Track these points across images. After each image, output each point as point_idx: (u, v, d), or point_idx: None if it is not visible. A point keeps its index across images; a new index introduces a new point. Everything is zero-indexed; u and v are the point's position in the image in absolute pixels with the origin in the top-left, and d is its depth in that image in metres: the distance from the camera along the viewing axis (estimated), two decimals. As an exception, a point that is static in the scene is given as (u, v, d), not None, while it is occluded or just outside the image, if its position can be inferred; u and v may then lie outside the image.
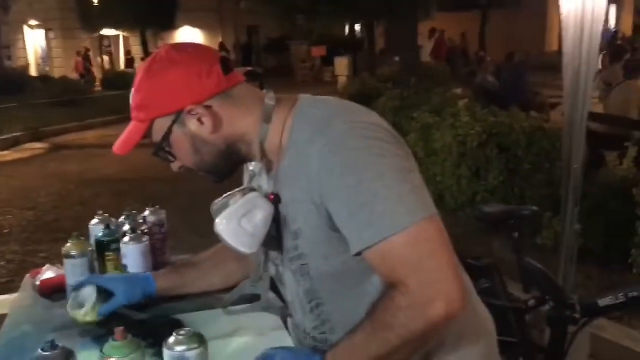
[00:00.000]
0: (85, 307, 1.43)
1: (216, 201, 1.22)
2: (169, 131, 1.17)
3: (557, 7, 2.98)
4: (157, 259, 1.79)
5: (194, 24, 26.87)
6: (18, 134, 11.51)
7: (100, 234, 1.74)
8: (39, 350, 1.09)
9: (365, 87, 9.16)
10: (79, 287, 1.50)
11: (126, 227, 1.78)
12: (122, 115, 7.47)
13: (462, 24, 17.07)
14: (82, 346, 1.35)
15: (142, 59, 19.81)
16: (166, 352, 1.11)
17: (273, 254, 1.29)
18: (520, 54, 9.70)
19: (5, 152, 10.55)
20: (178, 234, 1.06)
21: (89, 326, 1.45)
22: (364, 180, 1.04)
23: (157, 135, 1.19)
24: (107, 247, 1.72)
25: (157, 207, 1.93)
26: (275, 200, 1.18)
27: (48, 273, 1.79)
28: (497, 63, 10.93)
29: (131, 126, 1.21)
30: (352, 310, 1.16)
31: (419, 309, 1.02)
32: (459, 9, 15.28)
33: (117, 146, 1.21)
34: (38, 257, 4.89)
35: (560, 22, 2.98)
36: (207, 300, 1.58)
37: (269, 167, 1.22)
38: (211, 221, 1.19)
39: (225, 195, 1.23)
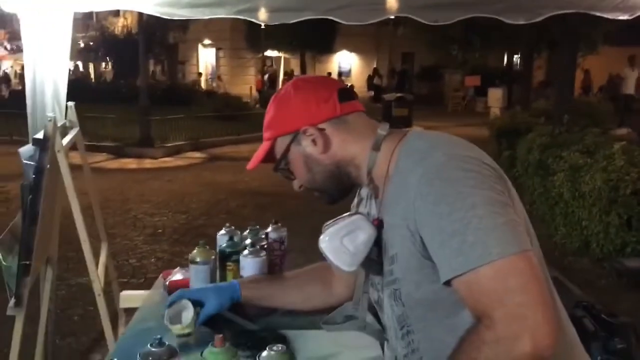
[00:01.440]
0: (184, 320, 1.52)
1: (328, 222, 1.29)
2: (287, 149, 1.29)
3: None
4: (274, 274, 1.88)
5: (350, 48, 27.71)
6: (181, 142, 12.64)
7: (224, 245, 1.88)
8: (148, 346, 1.21)
9: (515, 121, 8.76)
10: (173, 302, 1.58)
11: (248, 241, 1.90)
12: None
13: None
14: (185, 347, 1.46)
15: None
16: None
17: (375, 279, 1.32)
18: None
19: (168, 159, 11.61)
20: (305, 250, 1.16)
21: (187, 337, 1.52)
22: (457, 209, 1.04)
23: (278, 153, 1.32)
24: (228, 257, 1.85)
25: (279, 224, 2.04)
26: (379, 225, 1.23)
27: (177, 275, 1.97)
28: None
29: (261, 145, 1.34)
30: (440, 342, 1.15)
31: (504, 343, 0.98)
32: (629, 43, 13.98)
33: (250, 162, 1.36)
34: (182, 258, 5.29)
35: None
36: (314, 319, 1.63)
37: (375, 192, 1.28)
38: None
39: (337, 217, 1.29)
